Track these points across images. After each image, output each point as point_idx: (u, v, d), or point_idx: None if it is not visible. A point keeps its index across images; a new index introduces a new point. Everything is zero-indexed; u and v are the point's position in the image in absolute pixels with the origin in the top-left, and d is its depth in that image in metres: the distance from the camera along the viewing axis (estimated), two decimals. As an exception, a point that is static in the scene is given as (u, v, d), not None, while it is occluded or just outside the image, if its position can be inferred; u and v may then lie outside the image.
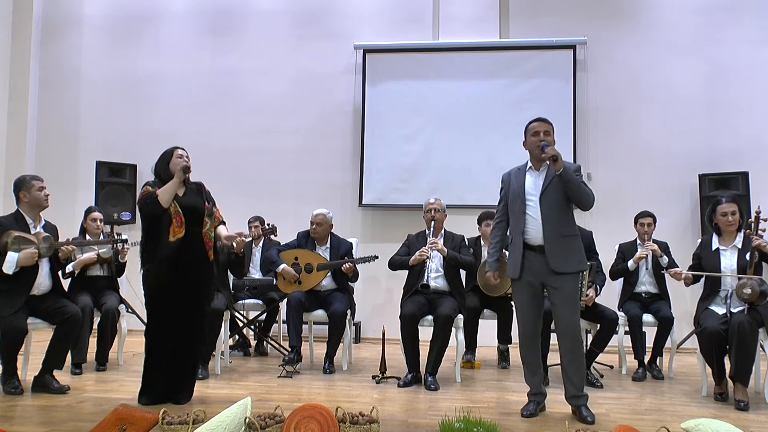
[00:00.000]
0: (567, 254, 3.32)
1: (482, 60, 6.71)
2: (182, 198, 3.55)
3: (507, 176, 3.55)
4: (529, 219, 3.36)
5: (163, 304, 3.47)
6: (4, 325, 3.62)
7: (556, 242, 3.30)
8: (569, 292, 3.33)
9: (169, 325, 3.46)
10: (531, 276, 3.37)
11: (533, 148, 3.39)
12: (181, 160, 3.59)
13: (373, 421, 2.72)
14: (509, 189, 3.50)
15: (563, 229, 3.33)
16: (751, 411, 3.56)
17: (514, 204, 3.44)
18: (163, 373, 3.47)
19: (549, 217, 3.31)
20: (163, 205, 3.46)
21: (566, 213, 3.36)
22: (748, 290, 3.72)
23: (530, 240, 3.36)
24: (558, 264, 3.29)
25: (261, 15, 7.14)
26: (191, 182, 3.68)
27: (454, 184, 6.53)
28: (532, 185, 3.40)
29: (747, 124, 6.38)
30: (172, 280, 3.46)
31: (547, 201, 3.33)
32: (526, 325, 3.43)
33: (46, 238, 3.85)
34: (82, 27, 7.36)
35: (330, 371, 4.58)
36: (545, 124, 3.40)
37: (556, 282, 3.32)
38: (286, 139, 6.96)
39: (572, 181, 3.26)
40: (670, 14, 6.63)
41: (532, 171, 3.44)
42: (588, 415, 3.25)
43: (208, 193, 3.72)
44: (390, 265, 4.62)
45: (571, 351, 3.35)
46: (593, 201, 3.34)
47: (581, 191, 3.29)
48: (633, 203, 5.75)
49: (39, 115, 7.27)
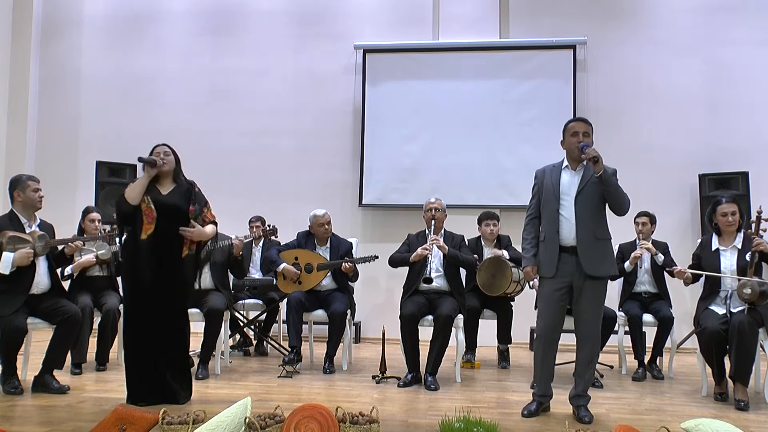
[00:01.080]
0: (600, 257, 3.29)
1: (482, 60, 6.71)
2: (163, 196, 3.47)
3: (541, 173, 3.50)
4: (562, 219, 3.32)
5: (137, 303, 3.42)
6: (4, 325, 3.62)
7: (589, 244, 3.27)
8: (597, 296, 3.31)
9: (143, 324, 3.40)
10: (563, 276, 3.32)
11: (572, 148, 3.35)
12: (156, 157, 3.49)
13: (373, 421, 2.72)
14: (542, 186, 3.45)
15: (597, 231, 3.29)
16: (751, 411, 3.56)
17: (548, 202, 3.39)
18: (139, 374, 3.40)
19: (583, 219, 3.27)
20: (130, 202, 3.39)
21: (601, 215, 3.33)
22: (748, 290, 3.72)
23: (563, 241, 3.32)
24: (591, 267, 3.25)
25: (261, 15, 7.14)
26: (183, 180, 3.59)
27: (454, 184, 6.52)
28: (568, 185, 3.36)
29: (747, 124, 6.38)
30: (145, 279, 3.39)
31: (583, 202, 3.29)
32: (548, 325, 3.38)
33: (41, 237, 3.84)
34: (82, 27, 7.36)
35: (330, 371, 4.58)
36: (585, 124, 3.36)
37: (586, 285, 3.28)
38: (286, 139, 6.96)
39: (611, 184, 3.23)
40: (670, 14, 6.63)
41: (568, 170, 3.40)
42: (585, 415, 3.25)
43: (198, 194, 3.59)
44: (390, 262, 4.62)
45: (590, 354, 3.34)
46: (629, 205, 3.31)
47: (619, 194, 3.26)
48: (633, 203, 5.68)
49: (39, 115, 7.27)
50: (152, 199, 3.43)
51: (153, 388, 3.40)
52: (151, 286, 3.40)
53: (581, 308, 3.32)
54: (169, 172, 3.55)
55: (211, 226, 3.60)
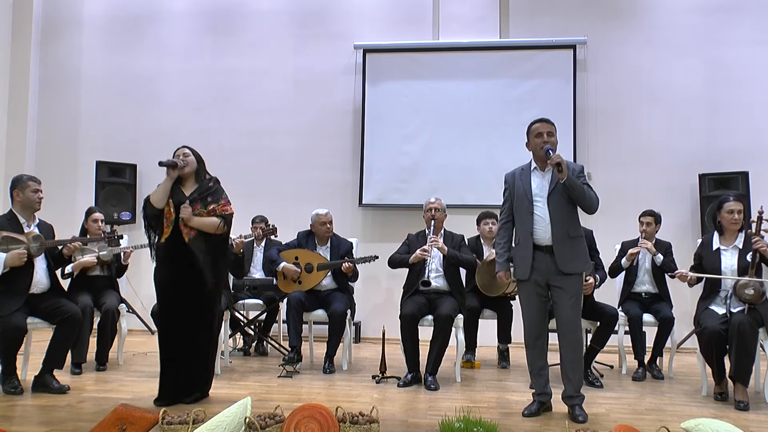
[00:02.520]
0: (574, 255, 3.33)
1: (482, 60, 6.70)
2: (186, 197, 3.52)
3: (510, 177, 3.53)
4: (537, 219, 3.36)
5: (165, 305, 3.49)
6: (4, 325, 3.62)
7: (564, 243, 3.31)
8: (574, 292, 3.34)
9: (172, 325, 3.46)
10: (538, 276, 3.37)
11: (537, 149, 3.38)
12: (176, 159, 3.55)
13: (373, 421, 2.72)
14: (514, 189, 3.48)
15: (571, 230, 3.34)
16: (751, 411, 3.56)
17: (520, 205, 3.42)
18: (173, 374, 3.47)
19: (557, 218, 3.31)
20: (155, 206, 3.45)
21: (573, 214, 3.38)
22: (750, 291, 3.73)
23: (538, 240, 3.36)
24: (565, 264, 3.30)
25: (261, 15, 7.13)
26: (205, 178, 3.62)
27: (454, 184, 6.52)
28: (539, 186, 3.40)
29: (747, 124, 6.38)
30: (169, 281, 3.46)
31: (555, 202, 3.33)
32: (532, 325, 3.43)
33: (36, 237, 3.83)
34: (82, 27, 7.36)
35: (330, 371, 4.58)
36: (548, 124, 3.38)
37: (561, 282, 3.33)
38: (286, 139, 6.96)
39: (576, 188, 3.26)
40: (670, 14, 6.63)
41: (537, 171, 3.43)
42: (579, 415, 3.26)
43: (213, 189, 3.59)
44: (390, 263, 4.62)
45: (572, 351, 3.36)
46: (598, 204, 3.35)
47: (586, 196, 3.29)
48: (633, 203, 5.76)
49: (39, 115, 7.26)
50: (175, 201, 3.48)
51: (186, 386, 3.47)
52: (178, 287, 3.45)
53: (560, 305, 3.36)
54: (191, 173, 3.59)
55: (212, 218, 3.53)
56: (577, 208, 3.39)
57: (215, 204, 3.56)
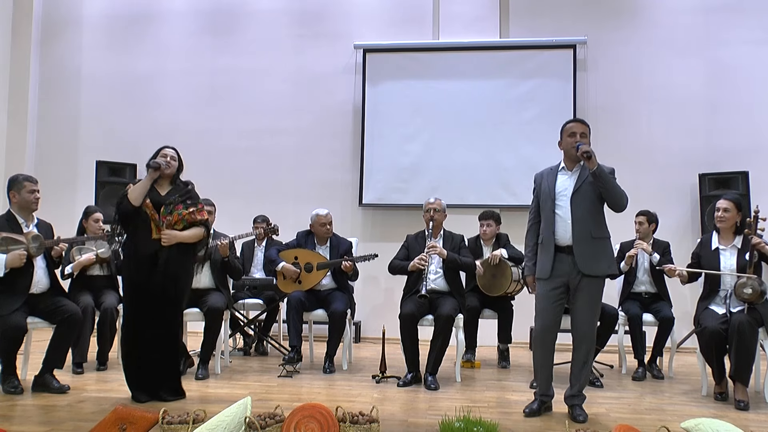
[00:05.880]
0: (596, 256, 3.28)
1: (482, 60, 6.71)
2: (161, 196, 3.55)
3: (539, 177, 3.51)
4: (558, 219, 3.33)
5: (137, 301, 3.50)
6: (4, 324, 3.62)
7: (585, 243, 3.27)
8: (593, 296, 3.31)
9: (141, 322, 3.48)
10: (558, 276, 3.33)
11: (568, 148, 3.36)
12: (163, 158, 3.59)
13: (373, 421, 2.72)
14: (540, 189, 3.47)
15: (594, 230, 3.30)
16: (751, 411, 3.56)
17: (545, 204, 3.40)
18: (137, 372, 3.50)
19: (579, 218, 3.28)
20: (133, 203, 3.46)
21: (598, 214, 3.33)
22: (748, 290, 3.72)
23: (559, 240, 3.33)
24: (586, 266, 3.26)
25: (261, 15, 7.13)
26: (179, 182, 3.67)
27: (454, 184, 6.52)
28: (564, 185, 3.37)
29: (747, 124, 6.38)
30: (148, 278, 3.47)
31: (579, 201, 3.30)
32: (545, 326, 3.38)
33: (35, 238, 3.82)
34: (82, 27, 7.36)
35: (330, 371, 4.58)
36: (582, 125, 3.38)
37: (581, 284, 3.29)
38: (286, 139, 6.96)
39: (606, 180, 3.24)
40: (670, 14, 6.63)
41: (565, 171, 3.42)
42: (579, 414, 3.26)
43: (192, 192, 3.65)
44: (390, 269, 4.61)
45: (586, 353, 3.34)
46: (627, 202, 3.31)
47: (615, 190, 3.26)
48: (633, 203, 5.67)
49: (39, 115, 7.27)
50: (153, 201, 3.50)
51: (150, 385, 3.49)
52: (155, 285, 3.47)
53: (577, 308, 3.33)
54: (170, 175, 3.65)
55: (195, 229, 3.60)
56: (603, 210, 3.34)
57: (194, 208, 3.59)
